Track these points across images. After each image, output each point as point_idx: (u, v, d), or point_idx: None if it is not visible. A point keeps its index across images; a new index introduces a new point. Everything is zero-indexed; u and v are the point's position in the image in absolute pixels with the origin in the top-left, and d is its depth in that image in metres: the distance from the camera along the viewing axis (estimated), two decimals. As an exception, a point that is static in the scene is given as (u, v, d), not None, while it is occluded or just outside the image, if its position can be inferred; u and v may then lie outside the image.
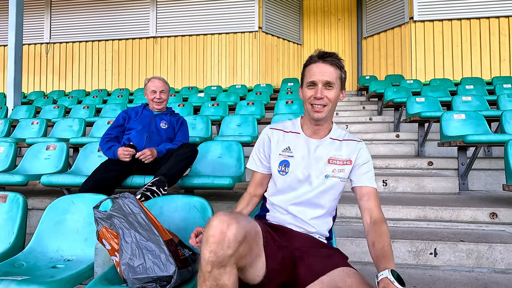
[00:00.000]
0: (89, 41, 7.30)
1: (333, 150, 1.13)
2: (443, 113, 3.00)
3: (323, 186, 1.10)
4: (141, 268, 1.04)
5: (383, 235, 0.98)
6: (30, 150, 2.59)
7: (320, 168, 1.11)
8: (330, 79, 1.05)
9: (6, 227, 1.55)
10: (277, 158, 1.15)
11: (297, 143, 1.15)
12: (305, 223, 1.11)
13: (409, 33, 6.26)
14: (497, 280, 1.59)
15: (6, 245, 1.47)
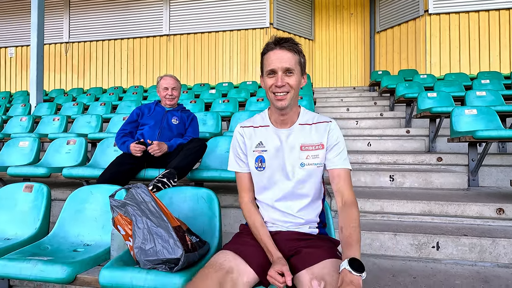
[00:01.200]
0: (106, 39, 7.54)
1: (304, 136, 1.10)
2: (453, 108, 2.96)
3: (300, 175, 1.08)
4: (151, 251, 1.14)
5: (351, 221, 0.98)
6: (52, 145, 2.76)
7: (295, 157, 1.09)
8: (289, 65, 1.03)
9: (32, 215, 1.70)
10: (252, 155, 1.14)
11: (268, 136, 1.13)
12: (293, 216, 1.11)
13: (424, 26, 6.12)
14: (499, 274, 1.61)
15: (32, 230, 1.62)
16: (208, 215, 1.49)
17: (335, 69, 7.68)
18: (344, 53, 7.63)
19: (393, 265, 1.71)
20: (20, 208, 1.72)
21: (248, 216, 1.16)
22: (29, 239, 1.57)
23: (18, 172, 2.34)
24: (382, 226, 1.94)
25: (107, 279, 1.14)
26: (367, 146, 3.52)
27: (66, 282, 1.20)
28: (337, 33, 7.66)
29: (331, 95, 6.20)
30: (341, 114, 4.77)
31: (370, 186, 2.66)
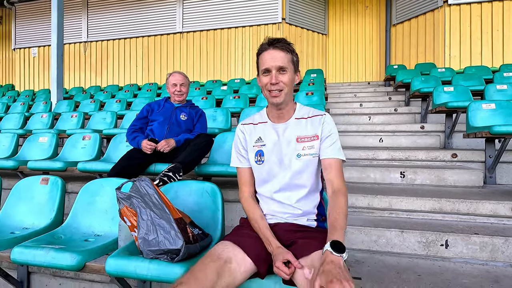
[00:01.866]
0: (122, 38, 7.74)
1: (300, 129, 1.16)
2: (470, 103, 2.85)
3: (297, 166, 1.13)
4: (154, 241, 1.19)
5: (337, 207, 1.02)
6: (69, 140, 2.89)
7: (291, 149, 1.15)
8: (282, 64, 1.09)
9: (48, 206, 1.79)
10: (252, 150, 1.21)
11: (266, 131, 1.20)
12: (292, 207, 1.15)
13: (443, 17, 5.87)
14: (509, 274, 1.55)
15: (48, 221, 1.71)
16: (211, 209, 1.52)
17: (349, 64, 7.53)
18: (359, 48, 7.46)
19: (399, 262, 1.68)
20: (37, 199, 1.82)
21: (248, 209, 1.21)
22: (44, 229, 1.66)
23: (37, 166, 2.46)
24: (389, 223, 1.91)
25: (112, 267, 1.19)
26: (379, 142, 3.45)
27: (75, 269, 1.26)
28: (351, 27, 7.49)
29: (345, 91, 6.10)
30: (353, 109, 4.68)
31: (380, 182, 2.61)
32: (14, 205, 1.83)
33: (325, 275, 0.80)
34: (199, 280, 0.90)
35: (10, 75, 9.77)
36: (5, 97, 6.93)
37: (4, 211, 1.81)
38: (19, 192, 1.86)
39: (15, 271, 1.81)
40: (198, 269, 0.95)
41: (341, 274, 0.80)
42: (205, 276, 0.92)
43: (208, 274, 0.93)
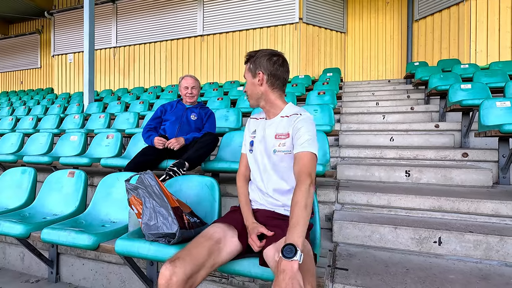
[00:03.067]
0: (147, 43, 8.18)
1: (279, 127, 1.28)
2: (483, 101, 2.77)
3: (274, 159, 1.26)
4: (154, 226, 1.36)
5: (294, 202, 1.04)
6: (95, 139, 3.20)
7: (270, 144, 1.28)
8: (244, 76, 1.36)
9: (73, 196, 2.05)
10: (248, 140, 1.40)
11: (259, 126, 1.37)
12: (270, 197, 1.28)
13: (469, 11, 5.61)
14: (504, 272, 1.55)
15: (73, 208, 1.97)
16: (209, 200, 1.68)
17: (368, 62, 7.40)
18: (379, 45, 7.31)
19: (391, 257, 1.73)
20: (65, 190, 2.09)
21: (238, 185, 1.41)
22: (69, 215, 1.91)
23: (68, 161, 2.77)
24: (384, 220, 1.95)
25: (120, 247, 1.39)
26: (390, 141, 3.44)
27: (91, 248, 1.48)
28: (371, 24, 7.35)
29: (363, 89, 6.02)
30: (368, 108, 4.64)
31: (385, 181, 2.63)
32: (46, 195, 2.11)
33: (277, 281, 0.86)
34: (193, 256, 1.06)
35: (50, 80, 10.67)
36: (45, 99, 7.62)
37: (38, 200, 2.10)
38: (50, 184, 2.14)
39: (47, 251, 2.09)
40: (193, 247, 1.11)
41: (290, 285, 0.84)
42: (198, 253, 1.07)
43: (201, 252, 1.08)
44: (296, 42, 6.73)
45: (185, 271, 1.01)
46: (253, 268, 1.17)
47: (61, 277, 2.07)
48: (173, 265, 1.01)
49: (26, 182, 2.24)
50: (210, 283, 1.68)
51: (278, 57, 1.31)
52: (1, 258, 2.30)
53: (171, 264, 1.01)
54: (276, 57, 1.31)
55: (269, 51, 1.32)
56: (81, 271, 2.02)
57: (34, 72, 11.02)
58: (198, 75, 7.57)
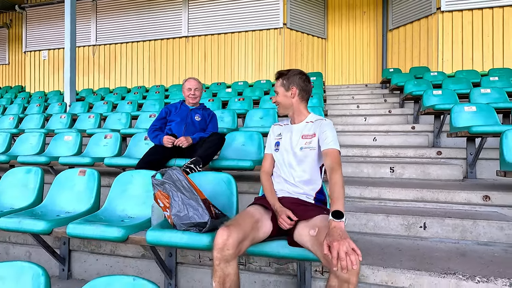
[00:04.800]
0: (129, 42, 8.06)
1: (306, 129, 1.58)
2: (454, 105, 3.16)
3: (300, 155, 1.53)
4: (185, 217, 1.50)
5: (333, 182, 1.33)
6: (93, 139, 3.20)
7: (297, 142, 1.56)
8: (275, 89, 1.63)
9: (86, 193, 2.10)
10: (273, 141, 1.68)
11: (285, 130, 1.66)
12: (294, 186, 1.53)
13: (436, 24, 6.19)
14: (476, 249, 1.86)
15: (88, 205, 2.03)
16: (227, 194, 1.83)
17: (347, 67, 7.85)
18: (357, 51, 7.78)
19: (384, 241, 1.99)
20: (77, 188, 2.13)
21: (263, 178, 1.66)
22: (85, 212, 1.97)
23: (68, 161, 2.77)
24: (377, 210, 2.21)
25: (151, 238, 1.50)
26: (373, 141, 3.76)
27: (120, 240, 1.57)
28: (349, 32, 7.81)
29: (343, 93, 6.41)
30: (350, 111, 4.99)
31: (372, 176, 2.92)
32: (56, 193, 2.14)
33: (330, 237, 1.11)
34: (241, 226, 1.26)
35: (21, 77, 10.09)
36: (18, 98, 7.25)
37: (49, 198, 2.13)
38: (60, 183, 2.17)
39: (58, 249, 2.12)
40: (240, 220, 1.31)
41: (341, 235, 1.10)
42: (245, 225, 1.28)
43: (247, 225, 1.29)
44: (280, 47, 6.99)
45: (238, 235, 1.20)
46: (282, 248, 1.35)
47: (72, 274, 2.11)
48: (228, 229, 1.21)
49: (33, 181, 2.24)
50: (228, 270, 1.83)
51: (306, 76, 1.64)
52: (4, 259, 2.28)
53: (227, 228, 1.21)
54: (305, 76, 1.63)
55: (298, 70, 1.63)
56: (95, 266, 2.08)
57: (2, 69, 10.36)
58: (183, 76, 7.59)
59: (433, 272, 1.55)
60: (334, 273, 1.11)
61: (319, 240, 1.20)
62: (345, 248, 1.04)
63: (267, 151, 1.72)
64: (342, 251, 1.03)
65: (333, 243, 1.06)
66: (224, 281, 1.20)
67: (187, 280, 1.88)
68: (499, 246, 1.90)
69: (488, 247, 1.89)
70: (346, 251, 1.03)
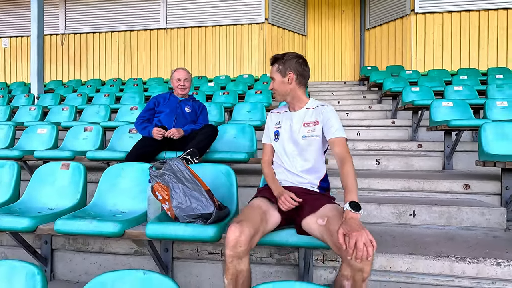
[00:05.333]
0: (103, 32, 7.62)
1: (307, 116, 1.50)
2: (433, 101, 3.34)
3: (302, 143, 1.47)
4: (188, 208, 1.44)
5: (345, 173, 1.30)
6: (70, 132, 2.99)
7: (298, 131, 1.48)
8: (271, 75, 1.52)
9: (70, 188, 1.96)
10: (272, 130, 1.58)
11: (284, 118, 1.56)
12: (298, 176, 1.48)
13: (410, 25, 6.50)
14: (461, 234, 1.98)
15: (74, 201, 1.89)
16: (226, 186, 1.79)
17: (327, 64, 8.02)
18: (336, 49, 7.97)
19: (378, 229, 2.06)
20: (59, 183, 1.98)
21: (264, 167, 1.61)
22: (71, 208, 1.83)
23: (45, 155, 2.57)
24: (369, 199, 2.28)
25: (153, 231, 1.43)
26: (357, 135, 3.88)
27: (116, 236, 1.48)
28: (329, 30, 7.97)
29: (323, 89, 6.54)
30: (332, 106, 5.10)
31: (359, 169, 3.01)
32: (36, 189, 1.97)
33: (347, 226, 1.08)
34: (251, 220, 1.22)
35: (-24, 66, 9.18)
36: (-25, 89, 6.59)
37: (27, 194, 1.95)
38: (40, 178, 2.00)
39: (38, 249, 1.95)
40: (249, 213, 1.26)
41: (359, 226, 1.08)
42: (255, 219, 1.24)
43: (257, 218, 1.25)
44: (262, 42, 6.97)
45: (249, 231, 1.16)
46: (291, 237, 1.35)
47: (56, 275, 1.96)
48: (240, 225, 1.16)
49: (7, 176, 2.04)
50: (227, 263, 1.79)
51: (303, 59, 1.53)
52: (-26, 262, 2.06)
53: (239, 224, 1.16)
54: (302, 59, 1.52)
55: (295, 54, 1.53)
56: (82, 266, 1.94)
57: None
58: (161, 70, 7.34)
59: (428, 256, 1.63)
60: (347, 262, 1.10)
61: (330, 229, 1.19)
62: (364, 239, 1.03)
63: (265, 141, 1.64)
64: (360, 241, 1.02)
65: (352, 233, 1.05)
66: (237, 278, 1.16)
67: (184, 275, 1.82)
68: (481, 230, 2.04)
69: (471, 231, 2.03)
70: (364, 241, 1.03)
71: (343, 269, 1.14)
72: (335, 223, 1.18)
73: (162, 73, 7.29)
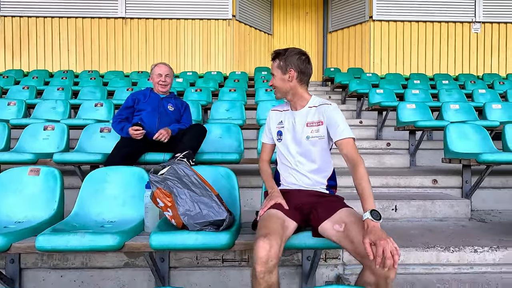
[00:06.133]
0: (48, 17, 6.77)
1: (309, 116, 1.44)
2: (399, 103, 3.63)
3: (307, 145, 1.42)
4: (198, 215, 1.35)
5: (359, 177, 1.27)
6: (26, 131, 2.60)
7: (302, 131, 1.43)
8: (272, 71, 1.46)
9: (42, 197, 1.71)
10: (275, 130, 1.53)
11: (286, 117, 1.51)
12: (305, 177, 1.45)
13: (369, 30, 6.97)
14: (436, 225, 2.19)
15: (51, 211, 1.65)
16: (227, 188, 1.72)
17: (291, 64, 8.21)
18: (300, 49, 8.20)
19: (365, 225, 2.17)
20: (29, 191, 1.71)
21: (261, 167, 1.60)
22: (49, 220, 1.60)
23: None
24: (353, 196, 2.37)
25: (158, 242, 1.31)
26: (330, 134, 4.04)
27: (116, 249, 1.32)
28: (293, 30, 8.17)
29: (290, 88, 6.69)
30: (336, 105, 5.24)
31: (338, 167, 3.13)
32: (-3, 199, 1.67)
33: (372, 235, 1.08)
34: (275, 231, 1.17)
35: None
36: None
37: (-15, 206, 1.65)
38: (2, 186, 1.71)
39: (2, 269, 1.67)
40: (270, 224, 1.21)
41: (383, 234, 1.08)
42: (278, 229, 1.20)
43: (278, 227, 1.21)
44: (229, 38, 6.86)
45: (277, 243, 1.12)
46: (308, 239, 1.34)
47: (25, 298, 1.70)
48: (269, 239, 1.11)
49: (-44, 185, 1.70)
50: (229, 268, 1.74)
51: (306, 56, 1.46)
52: None
53: (267, 238, 1.11)
54: (304, 56, 1.45)
55: (297, 49, 1.46)
56: (58, 285, 1.71)
57: None
58: (120, 63, 6.80)
59: (419, 248, 1.77)
60: (371, 270, 1.11)
61: (350, 236, 1.19)
62: (390, 247, 1.04)
63: (265, 140, 1.59)
64: (387, 250, 1.03)
65: (380, 242, 1.05)
66: None
67: (182, 284, 1.71)
68: (451, 221, 2.28)
69: (443, 222, 2.26)
70: (390, 249, 1.04)
71: (365, 276, 1.15)
72: (354, 230, 1.19)
73: (121, 66, 6.76)
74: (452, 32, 7.00)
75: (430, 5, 6.94)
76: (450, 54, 7.03)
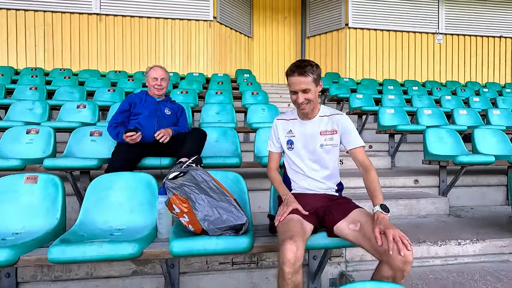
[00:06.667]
0: (12, 9, 6.26)
1: (322, 125, 1.52)
2: (379, 108, 3.87)
3: (321, 153, 1.51)
4: (219, 220, 1.37)
5: (371, 179, 1.43)
6: (7, 135, 2.42)
7: (316, 140, 1.51)
8: (305, 86, 1.41)
9: (42, 206, 1.63)
10: (284, 139, 1.58)
11: (295, 126, 1.56)
12: (319, 182, 1.54)
13: (345, 37, 7.31)
14: (422, 222, 2.39)
15: (54, 221, 1.57)
16: (237, 193, 1.74)
17: (271, 67, 8.35)
18: (279, 53, 8.36)
19: (359, 223, 2.31)
20: (26, 200, 1.62)
21: (272, 174, 1.64)
22: (53, 230, 1.52)
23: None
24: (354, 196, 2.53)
25: (179, 248, 1.31)
26: (315, 136, 4.20)
27: (134, 257, 1.31)
28: (273, 33, 8.31)
29: (269, 91, 6.78)
30: (281, 109, 5.36)
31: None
32: (-9, 209, 1.56)
33: (382, 225, 1.22)
34: (298, 233, 1.24)
35: None
36: None
37: (-23, 217, 1.53)
38: (-4, 194, 1.60)
39: (-3, 285, 1.56)
40: (292, 227, 1.27)
41: (391, 224, 1.22)
42: (299, 230, 1.26)
43: (299, 230, 1.28)
44: (210, 40, 6.82)
45: (302, 245, 1.19)
46: (323, 240, 1.42)
47: (22, 314, 1.60)
48: (295, 241, 1.17)
49: None
50: (238, 271, 1.77)
51: None
52: None
53: (293, 241, 1.17)
54: None
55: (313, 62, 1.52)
56: (60, 297, 1.63)
57: None
58: (95, 61, 6.48)
59: (413, 243, 1.93)
60: (389, 264, 1.20)
61: (367, 235, 1.29)
62: (398, 233, 1.19)
63: (272, 149, 1.64)
64: (397, 235, 1.18)
65: (389, 230, 1.20)
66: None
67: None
68: (433, 217, 2.50)
69: (427, 219, 2.46)
70: (399, 235, 1.18)
71: (383, 270, 1.24)
72: (369, 229, 1.29)
73: (96, 65, 6.43)
74: (418, 41, 7.57)
75: (400, 16, 7.44)
76: (417, 62, 7.59)
